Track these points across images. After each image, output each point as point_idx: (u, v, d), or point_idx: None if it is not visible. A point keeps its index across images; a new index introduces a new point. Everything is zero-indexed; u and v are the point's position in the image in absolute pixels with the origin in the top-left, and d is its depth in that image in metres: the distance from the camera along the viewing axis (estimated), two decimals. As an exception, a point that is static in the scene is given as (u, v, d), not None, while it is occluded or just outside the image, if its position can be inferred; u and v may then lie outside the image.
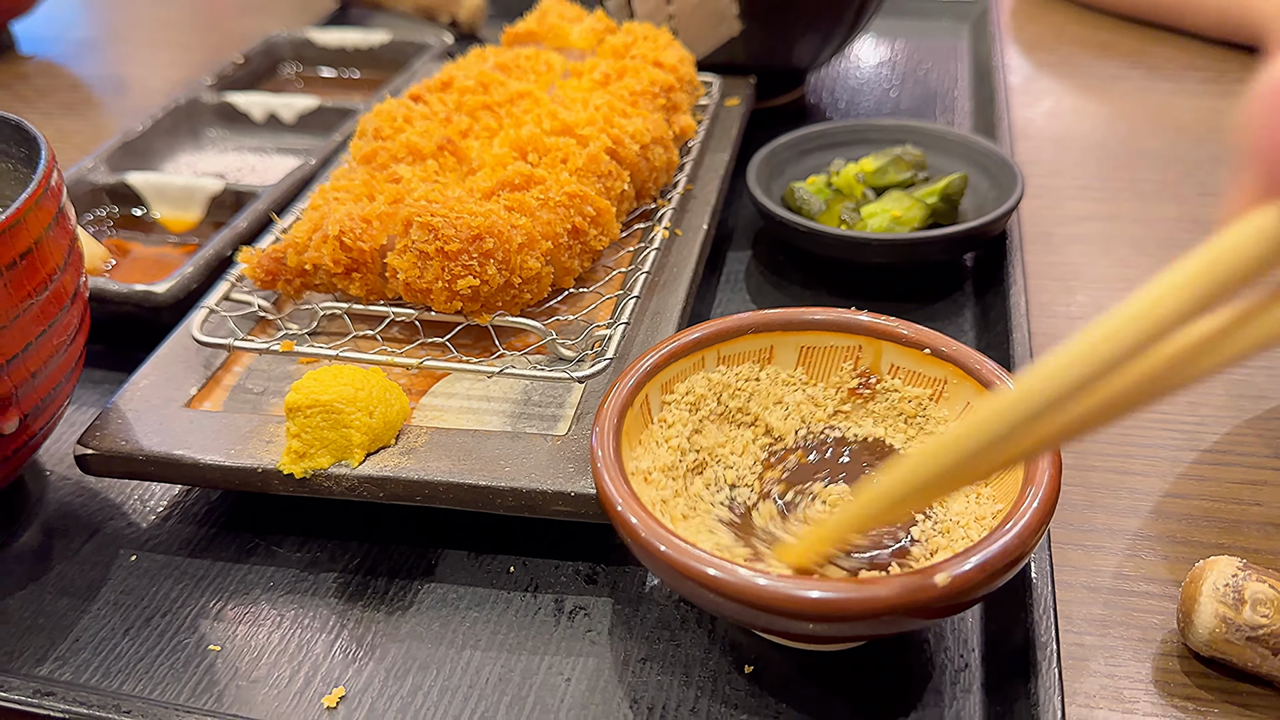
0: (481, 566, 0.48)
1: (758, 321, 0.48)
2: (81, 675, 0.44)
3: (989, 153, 0.69)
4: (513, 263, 0.51)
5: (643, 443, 0.45)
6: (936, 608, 0.35)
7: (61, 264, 0.47)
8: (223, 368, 0.54)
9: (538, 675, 0.43)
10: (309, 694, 0.43)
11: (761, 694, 0.42)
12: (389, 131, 0.61)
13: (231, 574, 0.48)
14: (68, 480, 0.55)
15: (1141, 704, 0.42)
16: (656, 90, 0.65)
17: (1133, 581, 0.47)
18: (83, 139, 0.94)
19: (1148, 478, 0.52)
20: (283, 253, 0.54)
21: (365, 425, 0.46)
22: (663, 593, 0.46)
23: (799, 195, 0.67)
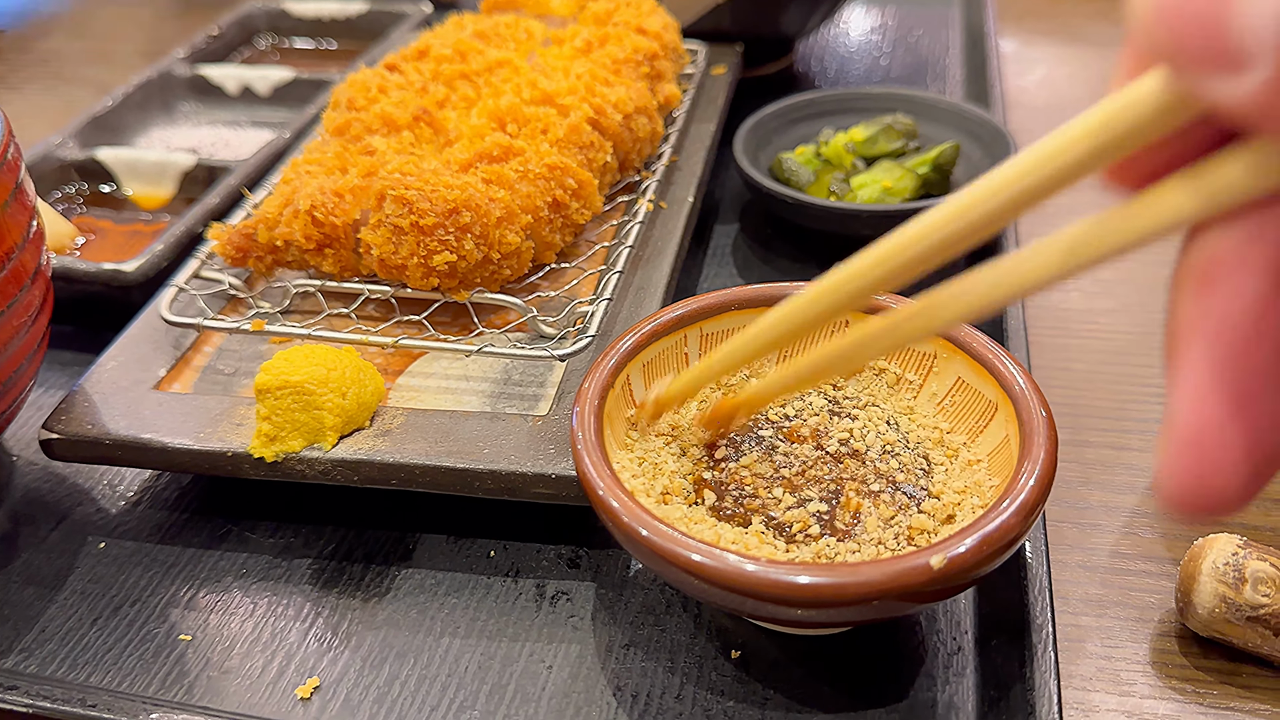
0: (460, 551, 0.47)
1: (742, 298, 0.47)
2: (47, 667, 0.43)
3: (981, 121, 0.67)
4: (491, 237, 0.49)
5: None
6: (930, 591, 0.34)
7: (20, 241, 0.45)
8: (192, 348, 0.53)
9: (518, 663, 0.42)
10: (282, 684, 0.41)
11: (749, 680, 0.40)
12: (363, 102, 0.59)
13: (203, 561, 0.47)
14: (34, 465, 0.53)
15: (1139, 686, 0.40)
16: (640, 58, 0.63)
17: (1130, 560, 0.46)
18: (55, 114, 0.92)
19: (1144, 453, 0.51)
20: (253, 229, 0.52)
21: (338, 407, 0.44)
22: (647, 577, 0.45)
23: (787, 166, 0.65)
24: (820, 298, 0.33)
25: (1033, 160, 0.24)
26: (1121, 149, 0.22)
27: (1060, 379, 0.56)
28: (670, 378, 0.42)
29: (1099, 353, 0.58)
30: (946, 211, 0.26)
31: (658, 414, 0.43)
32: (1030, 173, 0.24)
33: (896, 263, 0.29)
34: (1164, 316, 0.26)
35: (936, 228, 0.27)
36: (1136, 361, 0.57)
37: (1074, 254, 0.25)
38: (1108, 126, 0.22)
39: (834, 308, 0.32)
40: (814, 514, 0.39)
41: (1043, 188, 0.24)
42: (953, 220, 0.26)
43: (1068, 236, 0.25)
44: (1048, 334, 0.59)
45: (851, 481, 0.40)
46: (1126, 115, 0.22)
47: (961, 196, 0.26)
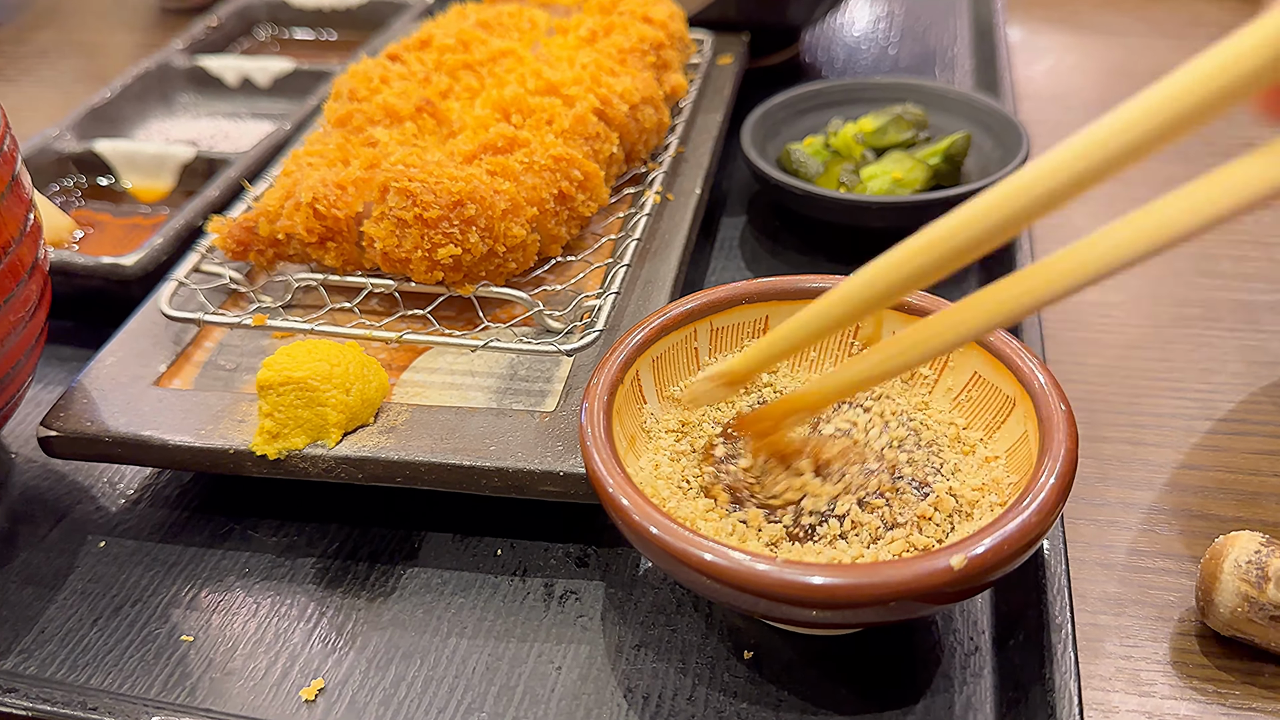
0: (467, 549, 0.46)
1: (752, 291, 0.46)
2: (47, 669, 0.42)
3: (992, 111, 0.66)
4: (496, 230, 0.48)
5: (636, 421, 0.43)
6: (951, 592, 0.33)
7: (17, 235, 0.44)
8: (193, 343, 0.52)
9: (527, 663, 0.41)
10: (286, 686, 0.41)
11: (762, 681, 0.40)
12: (365, 93, 0.58)
13: (205, 560, 0.46)
14: (33, 463, 0.52)
15: (1159, 686, 0.40)
16: (646, 47, 0.62)
17: (1148, 558, 0.45)
18: (52, 107, 0.91)
19: (1161, 449, 0.50)
20: (254, 221, 0.51)
21: (342, 403, 0.43)
22: (657, 576, 0.44)
23: (795, 157, 0.64)
24: (891, 270, 0.31)
25: (1192, 78, 0.24)
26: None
27: (1075, 374, 0.55)
28: (732, 355, 0.40)
29: (1113, 347, 0.57)
30: (1061, 156, 0.26)
31: (732, 387, 0.40)
32: (1187, 92, 0.24)
33: (981, 227, 0.28)
34: (1177, 311, 0.26)
35: (1050, 173, 0.26)
36: (1151, 356, 0.56)
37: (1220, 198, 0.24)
38: (1269, 46, 0.22)
39: (905, 281, 0.31)
40: (823, 511, 0.39)
41: (1196, 112, 0.24)
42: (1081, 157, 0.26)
43: (1161, 206, 0.25)
44: (1062, 328, 0.58)
45: (862, 477, 0.40)
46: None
47: (1092, 130, 0.25)
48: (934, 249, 0.30)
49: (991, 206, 0.28)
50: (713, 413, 0.45)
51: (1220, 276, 0.62)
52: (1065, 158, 0.27)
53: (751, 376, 0.39)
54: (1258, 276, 0.61)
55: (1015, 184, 0.28)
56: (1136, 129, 0.25)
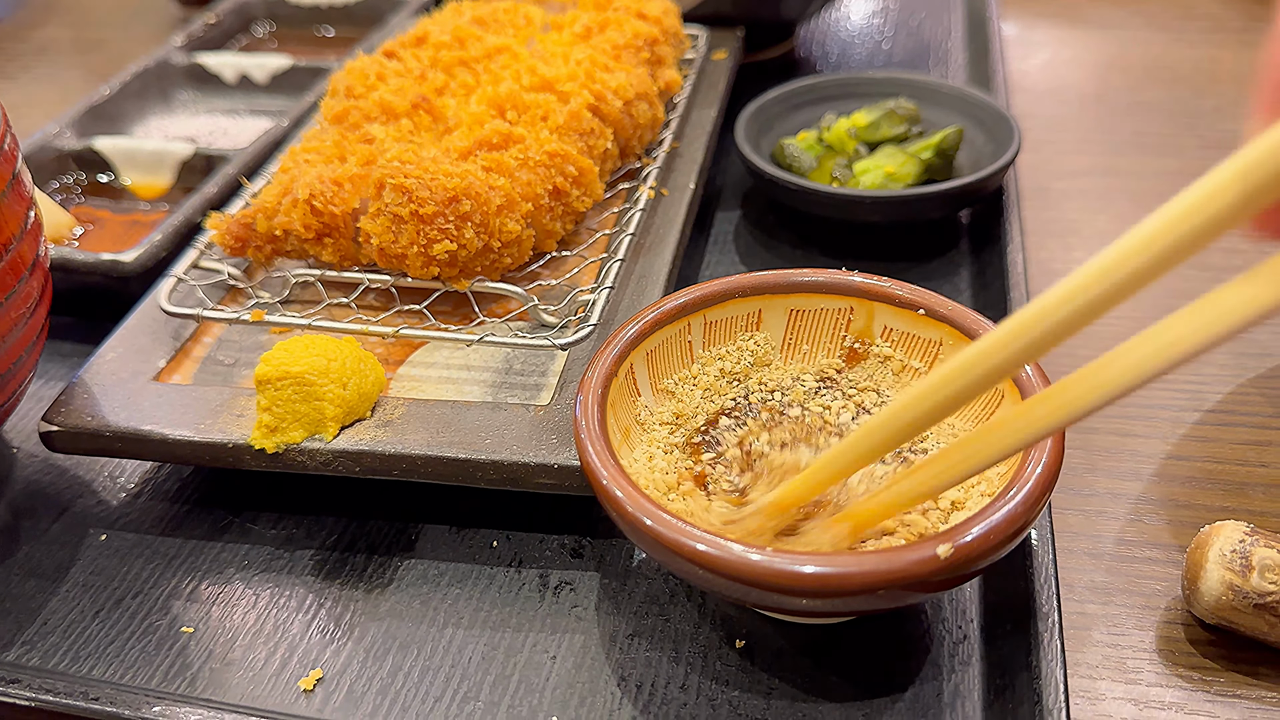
0: (463, 541, 0.46)
1: (745, 285, 0.46)
2: (49, 660, 0.42)
3: (984, 105, 0.67)
4: (491, 226, 0.49)
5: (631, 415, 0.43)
6: (938, 580, 0.33)
7: (18, 232, 0.44)
8: (192, 339, 0.52)
9: (522, 653, 0.41)
10: (285, 676, 0.41)
11: (753, 669, 0.40)
12: (361, 90, 0.58)
13: (205, 553, 0.47)
14: (35, 458, 0.53)
15: (1146, 674, 0.40)
16: (640, 43, 0.63)
17: (1135, 547, 0.45)
18: (51, 104, 0.91)
19: (1150, 440, 0.51)
20: (252, 218, 0.52)
21: (339, 397, 0.44)
22: (651, 567, 0.45)
23: (789, 152, 0.65)
24: (918, 402, 0.32)
25: (1181, 210, 0.25)
26: (1268, 195, 0.23)
27: (1066, 365, 0.55)
28: (785, 484, 0.38)
29: (1105, 339, 0.57)
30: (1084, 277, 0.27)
31: (781, 516, 0.38)
32: (1176, 226, 0.25)
33: (1008, 351, 0.30)
34: (1167, 303, 0.26)
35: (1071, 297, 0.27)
36: (1141, 347, 0.56)
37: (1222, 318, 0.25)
38: (1252, 172, 0.22)
39: (930, 413, 0.32)
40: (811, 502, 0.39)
41: (1192, 241, 0.25)
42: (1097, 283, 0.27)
43: (1220, 298, 0.25)
44: (1052, 320, 0.59)
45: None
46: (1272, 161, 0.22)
47: (1100, 260, 0.26)
48: (966, 374, 0.31)
49: (1011, 333, 0.30)
50: (706, 405, 0.46)
51: (1210, 269, 0.62)
52: (1077, 285, 0.28)
53: (799, 505, 0.38)
54: (1247, 270, 0.62)
55: (1029, 313, 0.29)
56: (1141, 255, 0.26)
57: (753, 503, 0.39)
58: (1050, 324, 0.29)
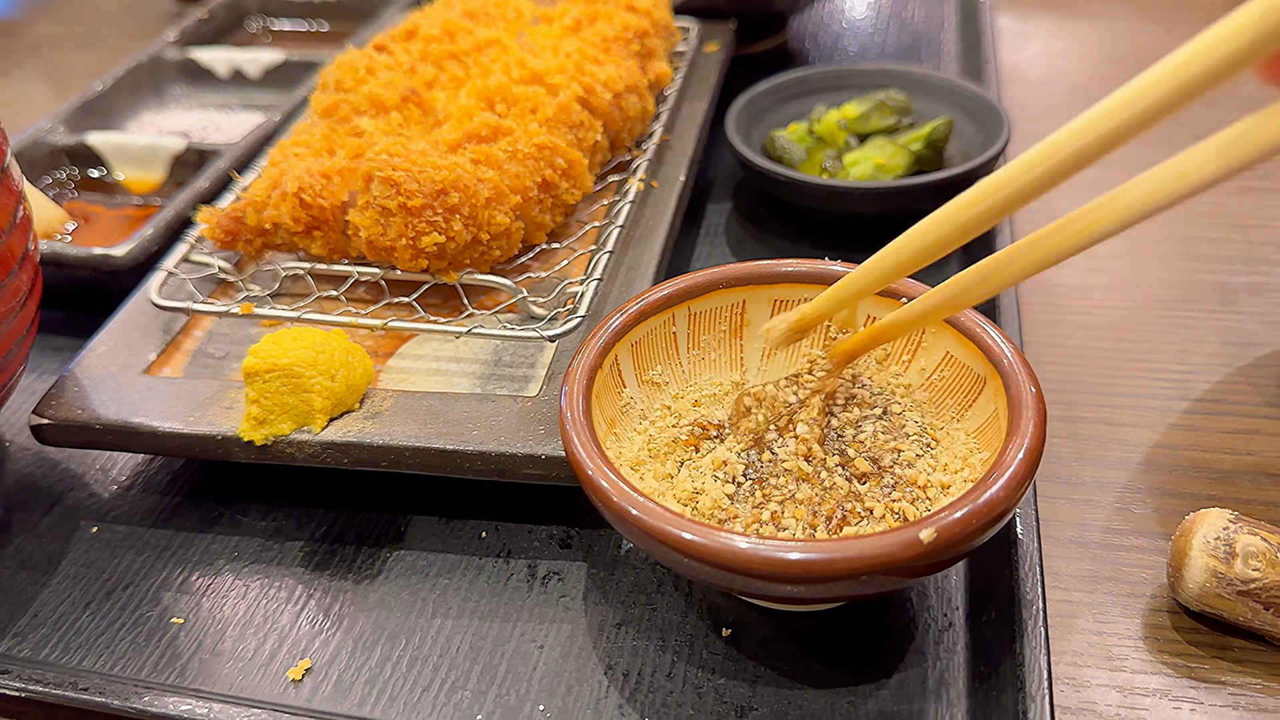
0: (452, 532, 0.47)
1: (729, 276, 0.47)
2: (40, 651, 0.43)
3: (974, 96, 0.67)
4: (480, 218, 0.49)
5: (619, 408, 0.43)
6: (921, 565, 0.34)
7: (7, 227, 0.45)
8: (182, 332, 0.53)
9: (510, 643, 0.42)
10: (274, 666, 0.41)
11: (740, 657, 0.40)
12: (351, 83, 0.58)
13: (195, 544, 0.47)
14: (26, 450, 0.53)
15: (1130, 661, 0.40)
16: (630, 36, 0.63)
17: (1122, 536, 0.46)
18: (45, 99, 0.91)
19: (1137, 428, 0.51)
20: (242, 212, 0.52)
21: (327, 389, 0.44)
22: (639, 556, 0.45)
23: (779, 144, 0.65)
24: (944, 221, 0.35)
25: (1196, 50, 0.25)
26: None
27: (1053, 355, 0.56)
28: (802, 306, 0.42)
29: (1092, 329, 0.58)
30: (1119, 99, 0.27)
31: (799, 335, 0.42)
32: (1195, 60, 0.26)
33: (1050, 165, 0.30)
34: (1157, 293, 0.27)
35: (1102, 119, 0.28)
36: (1130, 337, 0.57)
37: (1229, 152, 0.26)
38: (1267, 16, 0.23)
39: (952, 234, 0.34)
40: (803, 496, 0.39)
41: (1208, 77, 0.26)
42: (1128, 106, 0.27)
43: (1220, 139, 0.26)
44: (1041, 311, 0.59)
45: (832, 455, 0.40)
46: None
47: (1127, 89, 0.27)
48: (984, 200, 0.33)
49: (1028, 164, 0.31)
50: (692, 394, 0.46)
51: (1199, 259, 0.62)
52: (1094, 118, 0.29)
53: (820, 322, 0.41)
54: (1236, 259, 0.62)
55: (1051, 143, 0.31)
56: (1152, 94, 0.27)
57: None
58: (1069, 153, 0.30)
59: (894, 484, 0.40)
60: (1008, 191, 0.32)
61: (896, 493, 0.39)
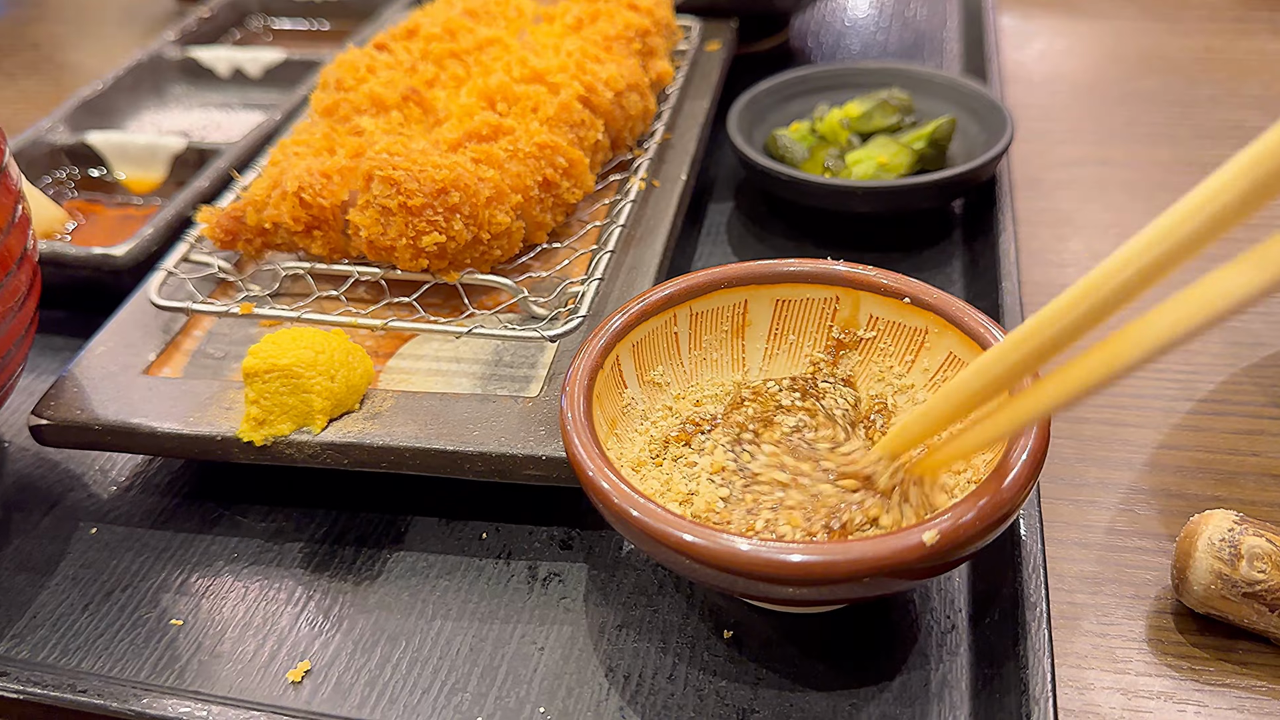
0: (453, 533, 0.46)
1: (731, 275, 0.46)
2: (39, 653, 0.42)
3: (977, 95, 0.66)
4: (480, 217, 0.49)
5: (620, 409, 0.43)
6: (924, 567, 0.33)
7: (5, 226, 0.44)
8: (182, 332, 0.52)
9: (510, 644, 0.41)
10: (274, 668, 0.41)
11: (741, 659, 0.40)
12: (351, 82, 0.58)
13: (195, 546, 0.47)
14: (26, 451, 0.53)
15: (1135, 663, 0.40)
16: (632, 34, 0.63)
17: (1126, 537, 0.45)
18: (45, 99, 0.91)
19: (1141, 429, 0.51)
20: (242, 211, 0.52)
21: (327, 390, 0.44)
22: (640, 558, 0.45)
23: (781, 143, 0.65)
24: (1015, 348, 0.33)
25: (1192, 204, 0.25)
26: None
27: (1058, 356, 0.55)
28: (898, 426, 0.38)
29: (1097, 328, 0.57)
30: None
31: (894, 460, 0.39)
32: (1189, 219, 0.26)
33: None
34: (1162, 292, 0.27)
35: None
36: (1134, 337, 0.56)
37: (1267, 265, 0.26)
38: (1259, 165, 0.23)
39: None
40: (807, 493, 0.39)
41: (1204, 234, 0.26)
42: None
43: (1259, 253, 0.25)
44: (1045, 310, 0.58)
45: (835, 459, 0.40)
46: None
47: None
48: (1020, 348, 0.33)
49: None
50: (694, 394, 0.46)
51: (1205, 258, 0.62)
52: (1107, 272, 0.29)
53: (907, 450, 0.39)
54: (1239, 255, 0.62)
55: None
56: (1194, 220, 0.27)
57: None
58: (1077, 315, 0.31)
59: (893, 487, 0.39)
60: (1041, 338, 0.32)
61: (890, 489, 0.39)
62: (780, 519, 0.38)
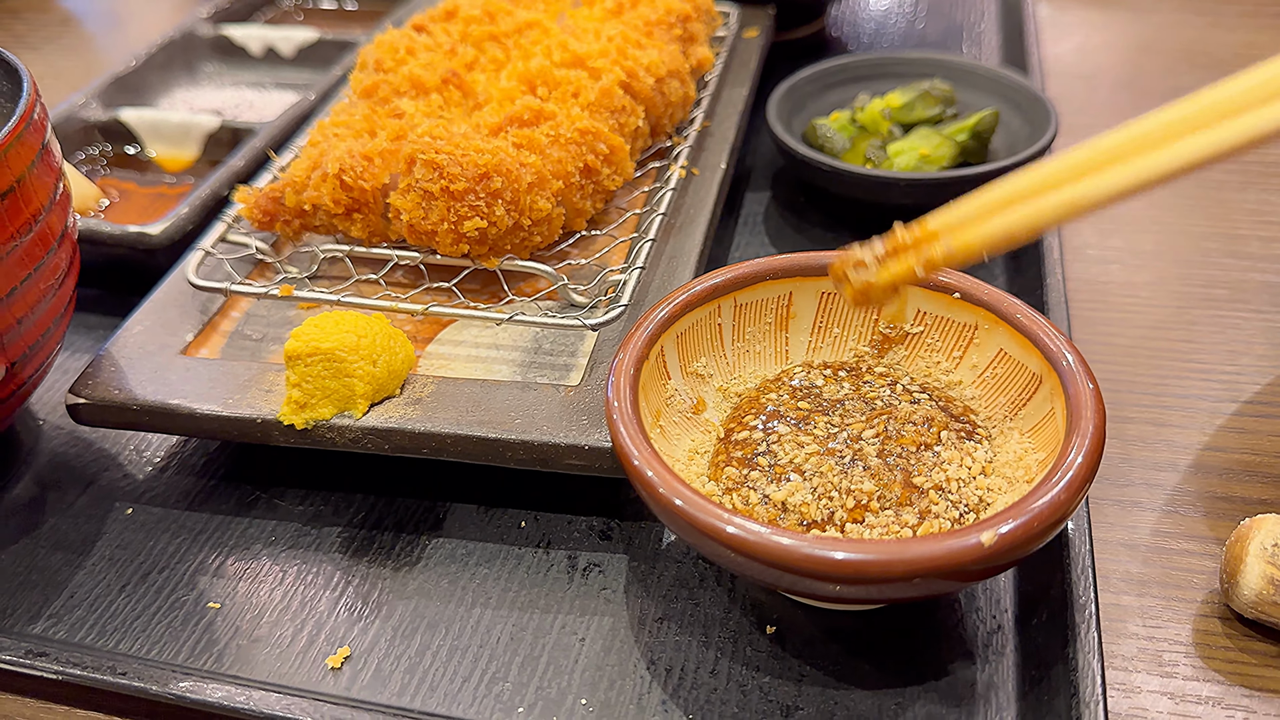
0: (491, 521, 0.46)
1: (776, 267, 0.46)
2: (76, 634, 0.42)
3: (1020, 88, 0.65)
4: (522, 203, 0.48)
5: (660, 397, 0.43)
6: (980, 569, 0.33)
7: (47, 203, 0.44)
8: (220, 313, 0.52)
9: (550, 634, 0.41)
10: (312, 653, 0.41)
11: (784, 655, 0.40)
12: (390, 64, 0.58)
13: (231, 528, 0.47)
14: (60, 430, 0.53)
15: (1182, 668, 0.40)
16: (672, 20, 0.62)
17: (1172, 539, 0.45)
18: (76, 76, 0.91)
19: (1186, 430, 0.50)
20: (281, 192, 0.51)
21: (369, 374, 0.44)
22: (680, 550, 0.44)
23: (821, 132, 0.64)
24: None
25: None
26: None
27: (1101, 353, 0.55)
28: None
29: (1139, 327, 0.57)
30: None
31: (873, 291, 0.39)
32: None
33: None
34: (1204, 292, 0.26)
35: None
36: (1177, 337, 0.56)
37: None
38: None
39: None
40: (846, 487, 0.38)
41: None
42: None
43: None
44: (1087, 307, 0.58)
45: (884, 451, 0.40)
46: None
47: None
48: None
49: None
50: (735, 386, 0.45)
51: (1248, 258, 0.61)
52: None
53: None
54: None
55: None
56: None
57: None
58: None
59: (935, 487, 0.39)
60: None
61: (931, 489, 0.39)
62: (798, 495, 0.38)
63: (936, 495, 0.38)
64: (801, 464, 0.40)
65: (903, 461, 0.39)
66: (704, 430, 0.44)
